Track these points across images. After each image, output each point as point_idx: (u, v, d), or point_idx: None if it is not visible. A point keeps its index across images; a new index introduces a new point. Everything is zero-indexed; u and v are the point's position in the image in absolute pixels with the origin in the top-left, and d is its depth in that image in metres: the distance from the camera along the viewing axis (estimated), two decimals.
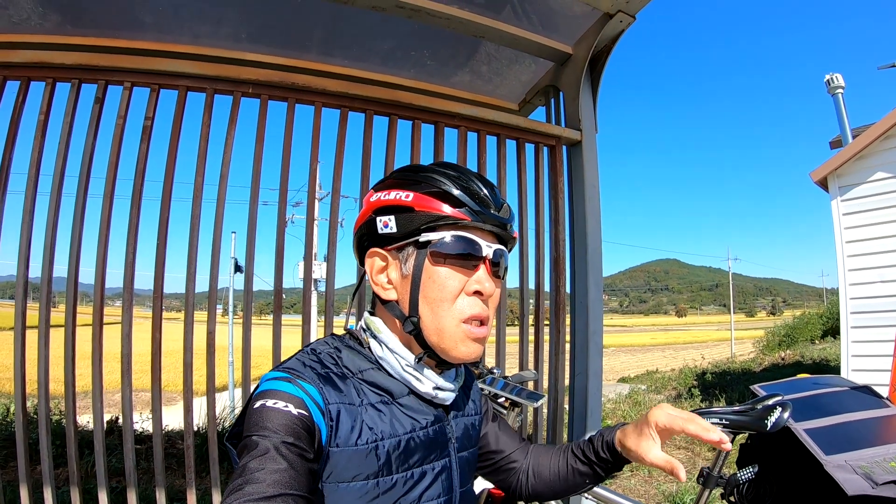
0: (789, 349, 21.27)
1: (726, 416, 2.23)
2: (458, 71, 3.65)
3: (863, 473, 2.38)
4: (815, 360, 15.30)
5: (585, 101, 3.37)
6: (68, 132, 2.53)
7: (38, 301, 2.50)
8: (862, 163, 7.45)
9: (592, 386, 3.20)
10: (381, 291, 1.07)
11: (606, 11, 2.96)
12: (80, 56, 2.54)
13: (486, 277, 1.03)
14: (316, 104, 2.85)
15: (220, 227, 2.69)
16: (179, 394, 12.80)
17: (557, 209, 3.37)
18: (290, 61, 3.18)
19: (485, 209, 1.02)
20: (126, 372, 2.49)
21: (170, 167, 2.64)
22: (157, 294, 2.59)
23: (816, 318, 26.66)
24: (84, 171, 2.55)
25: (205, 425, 5.33)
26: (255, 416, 0.88)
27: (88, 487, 2.80)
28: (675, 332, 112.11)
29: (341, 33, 3.19)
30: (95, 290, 2.51)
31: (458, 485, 1.12)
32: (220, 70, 2.68)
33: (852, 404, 2.97)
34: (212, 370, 2.59)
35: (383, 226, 1.04)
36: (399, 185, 1.05)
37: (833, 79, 10.76)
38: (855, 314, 7.41)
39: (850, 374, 7.18)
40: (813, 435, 2.68)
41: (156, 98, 2.67)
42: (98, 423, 2.49)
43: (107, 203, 2.56)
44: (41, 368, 2.41)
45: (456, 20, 2.85)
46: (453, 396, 1.12)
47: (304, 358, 1.01)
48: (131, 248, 2.54)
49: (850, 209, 7.53)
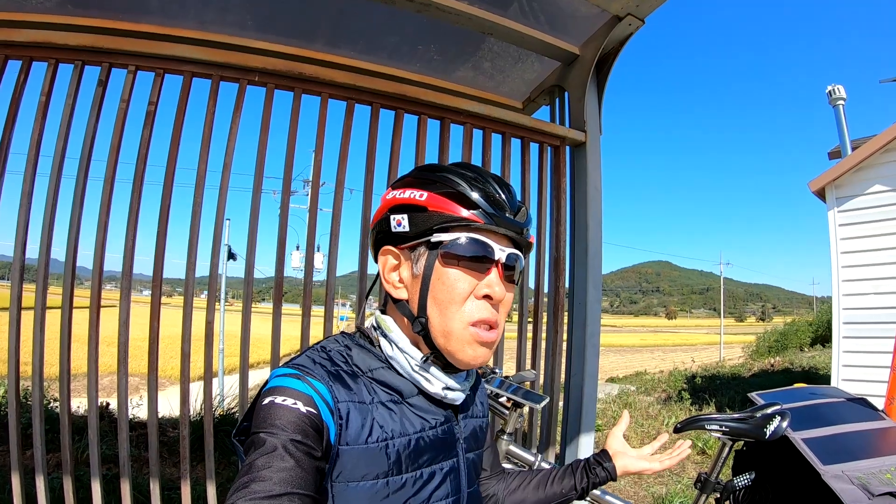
0: (779, 355, 21.41)
1: (726, 424, 2.25)
2: (464, 67, 3.63)
3: (860, 484, 2.40)
4: (804, 368, 15.39)
5: (591, 103, 3.36)
6: (70, 114, 2.48)
7: (35, 283, 2.47)
8: (861, 174, 7.48)
9: (588, 387, 3.21)
10: (393, 290, 1.06)
11: (616, 14, 2.96)
12: (84, 37, 2.50)
13: (498, 281, 1.02)
14: (322, 95, 2.83)
15: (221, 216, 2.66)
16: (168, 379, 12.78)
17: (559, 209, 3.37)
18: (296, 51, 3.15)
19: (500, 212, 1.01)
20: (122, 360, 2.47)
21: (172, 155, 2.61)
22: (155, 283, 2.56)
23: (806, 326, 26.88)
24: (85, 154, 2.51)
25: (196, 415, 5.32)
26: (263, 413, 0.87)
27: (79, 474, 2.78)
28: (664, 334, 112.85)
29: (348, 25, 3.16)
30: (94, 275, 2.48)
31: (466, 485, 1.11)
32: (226, 57, 2.65)
33: (849, 415, 3.00)
34: (209, 362, 2.56)
35: (396, 224, 1.03)
36: (415, 184, 1.04)
37: (835, 90, 10.81)
38: (847, 324, 7.45)
39: (841, 384, 7.24)
40: (811, 444, 2.71)
41: (160, 83, 2.62)
42: (93, 412, 2.46)
43: (107, 188, 2.52)
44: (36, 355, 2.38)
45: (465, 16, 2.84)
46: (463, 397, 1.11)
47: (315, 355, 1.00)
48: (131, 236, 2.51)
49: (846, 220, 7.57)
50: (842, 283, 7.56)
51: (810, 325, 27.08)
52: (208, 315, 2.56)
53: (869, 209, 7.35)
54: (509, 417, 2.35)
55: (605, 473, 1.35)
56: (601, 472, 1.34)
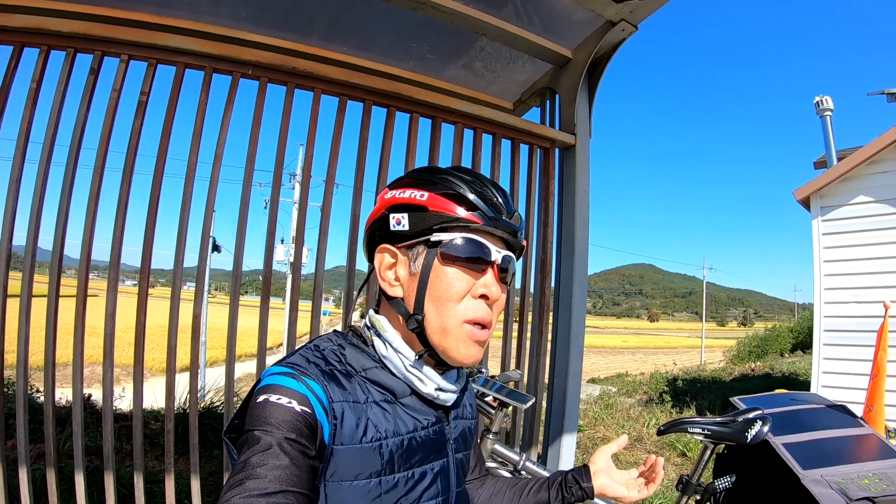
0: (759, 360, 21.59)
1: (708, 427, 2.28)
2: (456, 66, 3.63)
3: (838, 489, 2.45)
4: (784, 373, 15.56)
5: (581, 106, 3.38)
6: (61, 102, 2.45)
7: (20, 272, 2.44)
8: (846, 185, 7.60)
9: (571, 388, 3.23)
10: (388, 288, 1.08)
11: (610, 19, 2.97)
12: (76, 24, 2.47)
13: (494, 282, 1.04)
14: (315, 90, 2.82)
15: (210, 209, 2.65)
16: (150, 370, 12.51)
17: (547, 212, 3.39)
18: (290, 44, 3.13)
19: (497, 215, 1.03)
20: (108, 354, 2.45)
21: (163, 146, 2.58)
22: (143, 275, 2.53)
23: (787, 332, 27.13)
24: (75, 142, 2.47)
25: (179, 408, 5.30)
26: (257, 411, 0.88)
27: (61, 466, 2.76)
28: (646, 337, 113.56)
29: (343, 21, 3.15)
30: (81, 265, 2.45)
31: (455, 485, 1.13)
32: (220, 49, 2.63)
33: (829, 421, 3.05)
34: (196, 357, 2.56)
35: (396, 223, 1.04)
36: (415, 184, 1.05)
37: (822, 101, 10.91)
38: (828, 332, 7.58)
39: (820, 390, 7.36)
40: (791, 449, 2.75)
41: (153, 73, 2.60)
42: (77, 404, 2.44)
43: (96, 178, 2.49)
44: (21, 345, 2.35)
45: (460, 16, 2.84)
46: (454, 398, 1.12)
47: (308, 354, 1.01)
48: (119, 227, 2.48)
49: (830, 230, 7.68)
50: (824, 291, 7.68)
51: (791, 331, 27.34)
52: (196, 308, 2.55)
53: (853, 219, 7.46)
54: (495, 417, 2.36)
55: (582, 493, 1.32)
56: (577, 492, 1.31)
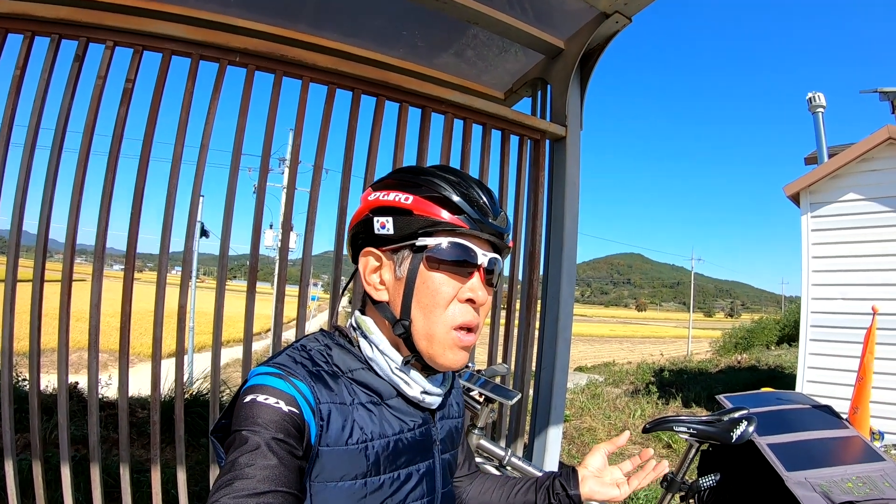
0: (745, 352, 21.74)
1: (693, 426, 2.29)
2: (447, 54, 3.61)
3: (822, 492, 2.47)
4: (770, 366, 15.69)
5: (573, 98, 3.37)
6: (45, 88, 2.41)
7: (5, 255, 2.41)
8: (836, 182, 7.65)
9: (558, 380, 3.24)
10: (373, 292, 1.07)
11: (604, 11, 2.96)
12: (60, 10, 2.41)
13: (480, 286, 1.03)
14: (304, 79, 2.78)
15: (196, 197, 2.62)
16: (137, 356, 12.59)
17: (536, 203, 3.39)
18: (278, 30, 3.08)
19: (483, 217, 1.02)
20: (94, 343, 2.42)
21: (149, 133, 2.55)
22: (128, 265, 2.50)
23: (774, 324, 27.31)
24: (60, 128, 2.43)
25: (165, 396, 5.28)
26: (245, 411, 0.87)
27: (48, 456, 2.74)
28: (634, 326, 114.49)
29: (333, 6, 3.12)
30: (66, 250, 2.41)
31: (441, 486, 1.13)
32: (207, 36, 2.58)
33: (814, 422, 3.07)
34: (181, 346, 2.54)
35: (380, 227, 1.03)
36: (398, 186, 1.04)
37: (815, 97, 10.96)
38: (815, 327, 7.66)
39: (805, 384, 7.45)
40: (775, 450, 2.77)
41: (138, 60, 2.55)
42: (62, 394, 2.42)
43: (81, 167, 2.45)
44: (6, 334, 2.32)
45: (451, 4, 2.82)
46: (439, 401, 1.12)
47: (295, 354, 1.00)
48: (104, 216, 2.45)
49: (819, 226, 7.75)
50: (811, 286, 7.75)
51: (777, 323, 27.51)
52: (181, 299, 2.53)
53: (842, 216, 7.53)
54: (481, 412, 2.36)
55: (569, 501, 1.27)
56: (564, 499, 1.27)
